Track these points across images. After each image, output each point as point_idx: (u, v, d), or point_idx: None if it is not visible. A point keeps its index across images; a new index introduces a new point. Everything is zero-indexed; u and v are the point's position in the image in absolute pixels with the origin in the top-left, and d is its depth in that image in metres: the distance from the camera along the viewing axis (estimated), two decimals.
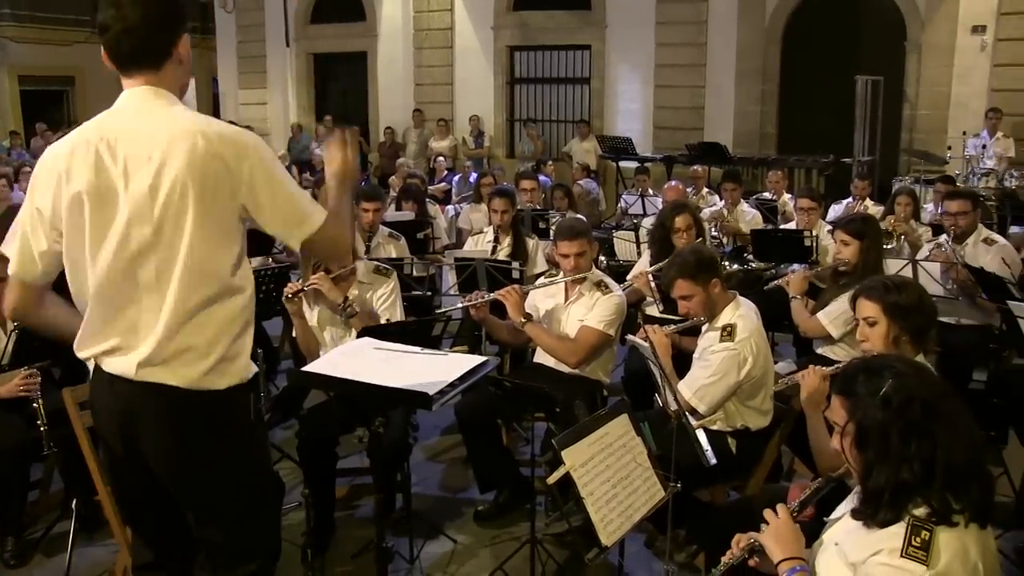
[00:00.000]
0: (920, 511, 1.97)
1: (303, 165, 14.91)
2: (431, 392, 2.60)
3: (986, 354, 5.51)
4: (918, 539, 1.93)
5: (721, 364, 3.65)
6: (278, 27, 17.39)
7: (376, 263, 4.66)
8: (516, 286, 4.46)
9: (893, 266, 5.29)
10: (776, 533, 2.26)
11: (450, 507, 4.55)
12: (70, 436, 3.57)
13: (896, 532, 1.97)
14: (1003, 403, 4.83)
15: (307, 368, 2.82)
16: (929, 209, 8.28)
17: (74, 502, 3.93)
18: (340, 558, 4.00)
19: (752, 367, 3.66)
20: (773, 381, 3.86)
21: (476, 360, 2.72)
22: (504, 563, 3.84)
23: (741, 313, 3.78)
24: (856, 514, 2.11)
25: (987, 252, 5.44)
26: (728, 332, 3.70)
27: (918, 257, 5.58)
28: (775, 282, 5.41)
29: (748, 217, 7.90)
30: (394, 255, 5.78)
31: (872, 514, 2.03)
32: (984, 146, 11.13)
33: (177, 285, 2.22)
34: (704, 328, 3.88)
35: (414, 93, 16.71)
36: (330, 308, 4.30)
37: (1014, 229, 8.02)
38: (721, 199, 8.40)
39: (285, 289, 4.30)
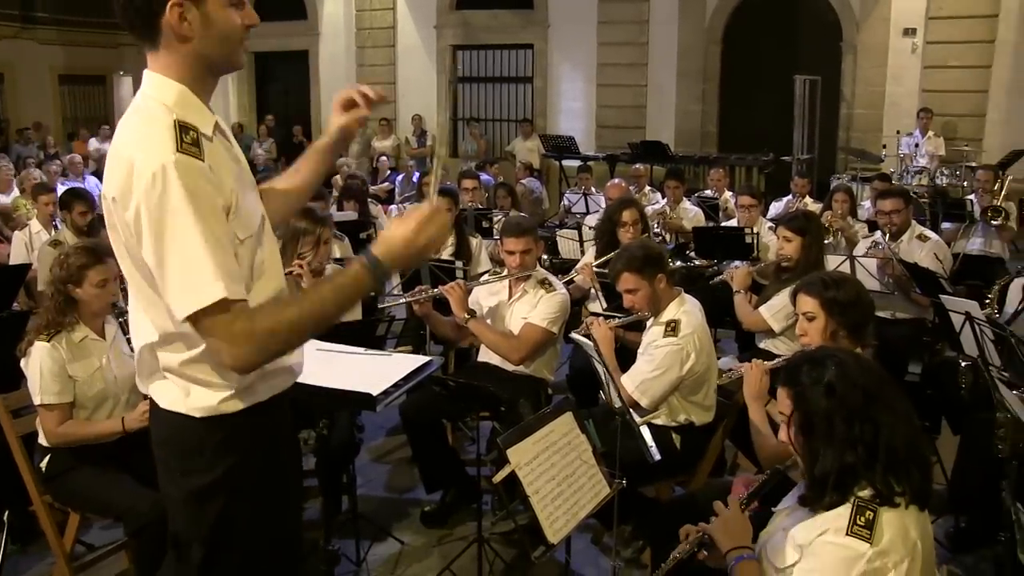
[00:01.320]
0: (864, 493, 2.04)
1: None
2: (375, 393, 2.59)
3: (920, 347, 5.64)
4: (862, 518, 2.00)
5: (664, 359, 3.68)
6: None
7: (341, 265, 4.65)
8: (460, 282, 4.46)
9: (832, 262, 5.38)
10: (724, 525, 2.31)
11: (396, 508, 4.52)
12: (2, 444, 3.48)
13: (841, 513, 2.04)
14: (936, 394, 4.96)
15: None
16: (866, 206, 8.44)
17: (6, 513, 3.82)
18: None
19: (695, 363, 3.70)
20: (716, 376, 3.91)
21: (420, 360, 2.72)
22: (451, 563, 3.82)
23: (686, 309, 3.82)
24: (803, 500, 2.16)
25: (921, 248, 5.57)
26: (672, 327, 3.74)
27: (855, 253, 5.69)
28: (719, 278, 5.47)
29: (690, 214, 7.98)
30: (337, 255, 5.72)
31: (818, 498, 2.09)
32: (917, 145, 11.42)
33: None
34: (649, 323, 3.91)
35: None
36: None
37: (946, 225, 8.22)
38: (663, 197, 8.48)
39: None
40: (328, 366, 2.85)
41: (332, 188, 10.05)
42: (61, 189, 7.59)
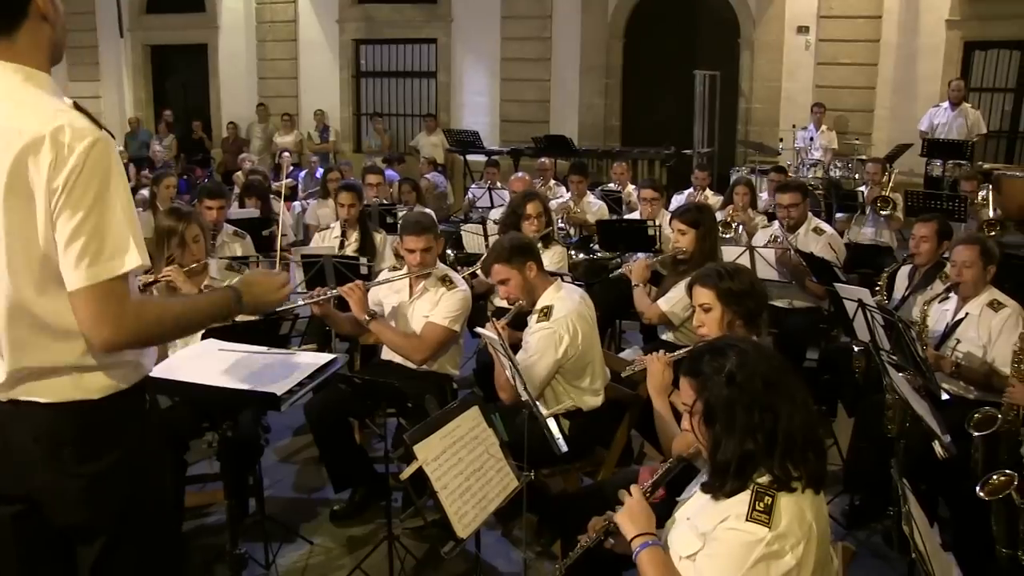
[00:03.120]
0: (763, 479, 2.10)
1: (141, 162, 14.29)
2: (279, 392, 2.55)
3: (817, 334, 5.84)
4: (761, 504, 2.06)
5: (538, 344, 3.74)
6: (110, 16, 16.54)
7: (227, 260, 4.55)
8: (359, 283, 4.38)
9: (732, 253, 5.52)
10: (629, 512, 2.34)
11: (305, 508, 4.47)
12: None
13: (742, 499, 2.10)
14: (832, 379, 5.15)
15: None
16: (764, 198, 8.68)
17: None
18: (191, 569, 3.85)
19: (569, 345, 3.75)
20: (602, 361, 3.97)
21: (325, 358, 2.68)
22: (362, 562, 3.80)
23: (560, 295, 3.88)
24: (705, 488, 2.21)
25: (817, 240, 5.76)
26: (545, 313, 3.80)
27: (754, 243, 5.85)
28: (618, 271, 5.55)
29: (594, 208, 8.07)
30: (239, 253, 5.61)
31: (720, 486, 2.15)
32: (811, 138, 11.79)
33: None
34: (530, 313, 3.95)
35: (257, 87, 16.28)
36: None
37: (839, 215, 8.51)
38: (568, 191, 8.55)
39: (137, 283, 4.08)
40: (231, 366, 2.79)
41: (234, 185, 9.86)
42: None
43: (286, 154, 13.55)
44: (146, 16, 17.03)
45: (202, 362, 2.83)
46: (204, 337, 3.52)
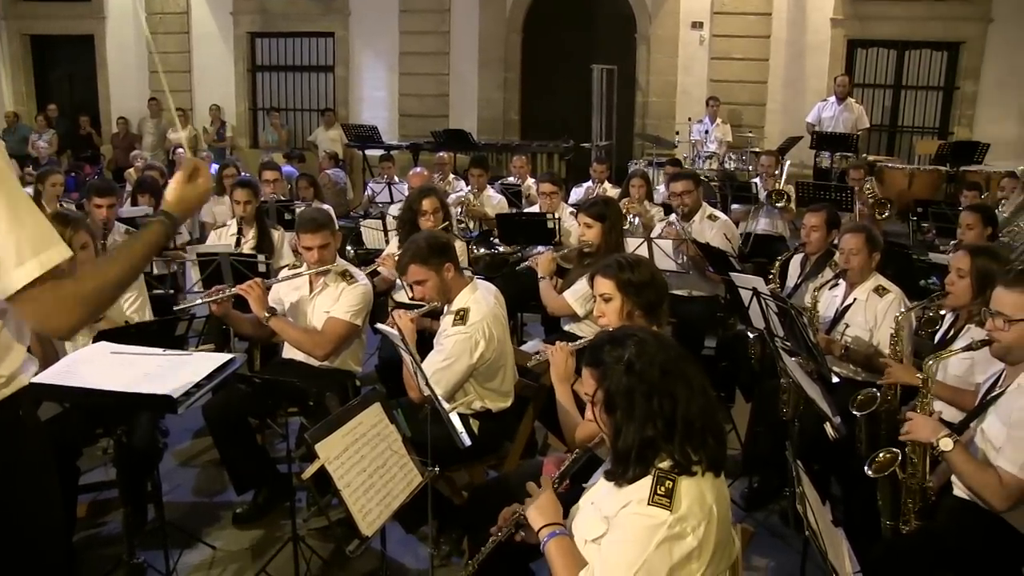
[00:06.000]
0: (664, 464, 2.14)
1: (22, 159, 13.70)
2: (175, 394, 2.49)
3: (715, 322, 5.98)
4: (662, 488, 2.10)
5: (454, 348, 3.72)
6: None
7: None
8: (258, 280, 4.30)
9: (630, 244, 5.60)
10: (538, 505, 2.38)
11: (207, 512, 4.37)
12: None
13: (643, 484, 2.13)
14: (730, 365, 5.28)
15: (35, 379, 2.60)
16: (661, 190, 8.83)
17: None
18: None
19: (485, 350, 3.75)
20: (513, 362, 3.98)
21: (222, 358, 2.64)
22: (267, 564, 3.74)
23: (476, 297, 3.86)
24: (609, 475, 2.25)
25: (711, 228, 5.91)
26: (461, 316, 3.78)
27: (652, 235, 5.96)
28: (524, 264, 5.58)
29: (494, 201, 8.10)
30: None
31: (623, 472, 2.18)
32: (706, 131, 12.09)
33: None
34: (444, 312, 3.95)
35: (149, 81, 15.78)
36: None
37: (735, 207, 8.73)
38: (467, 184, 8.55)
39: None
40: (125, 369, 2.71)
41: (126, 182, 9.56)
42: None
43: (180, 150, 13.17)
44: (24, 3, 16.31)
45: (94, 366, 2.74)
46: (96, 339, 3.42)
